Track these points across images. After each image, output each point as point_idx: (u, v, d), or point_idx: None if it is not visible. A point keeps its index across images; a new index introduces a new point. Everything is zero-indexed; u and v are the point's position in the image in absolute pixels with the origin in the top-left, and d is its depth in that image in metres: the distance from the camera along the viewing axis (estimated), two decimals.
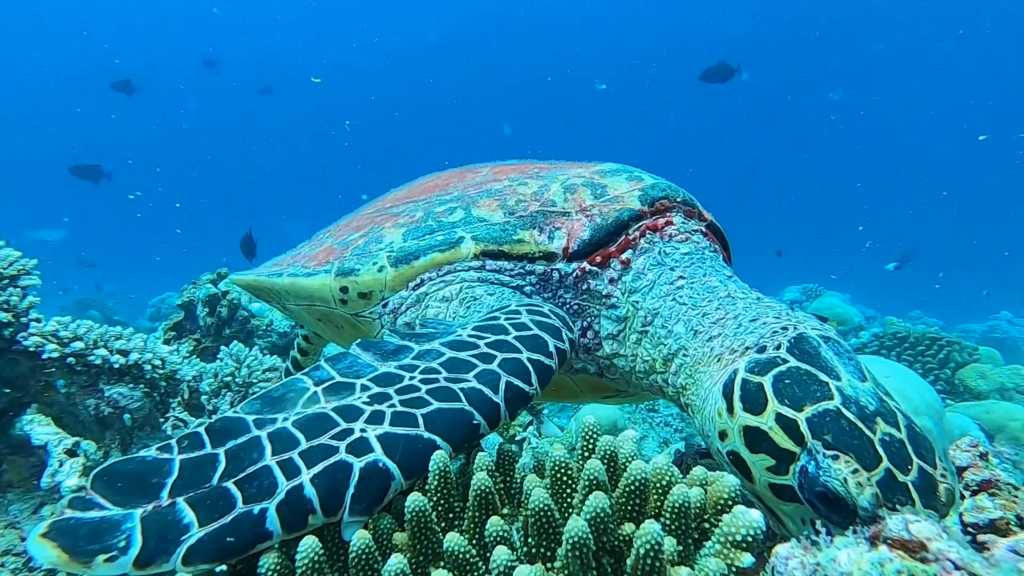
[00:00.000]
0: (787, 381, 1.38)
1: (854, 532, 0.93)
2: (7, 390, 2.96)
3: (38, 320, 2.98)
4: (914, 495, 1.18)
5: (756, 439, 1.37)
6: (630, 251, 2.04)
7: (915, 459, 1.24)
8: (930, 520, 0.88)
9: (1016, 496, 1.44)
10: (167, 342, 4.97)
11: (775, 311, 1.67)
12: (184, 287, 5.35)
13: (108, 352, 3.01)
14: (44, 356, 2.90)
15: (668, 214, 2.13)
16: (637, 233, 2.06)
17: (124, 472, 1.16)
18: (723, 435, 1.46)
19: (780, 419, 1.33)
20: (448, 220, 2.18)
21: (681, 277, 1.93)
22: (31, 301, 2.99)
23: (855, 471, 1.20)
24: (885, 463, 1.21)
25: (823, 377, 1.37)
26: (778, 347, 1.48)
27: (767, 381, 1.40)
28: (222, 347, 3.95)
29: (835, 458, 1.23)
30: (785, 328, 1.54)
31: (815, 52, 49.28)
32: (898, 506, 1.17)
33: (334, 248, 2.40)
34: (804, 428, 1.29)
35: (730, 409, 1.44)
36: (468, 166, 2.83)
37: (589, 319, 2.06)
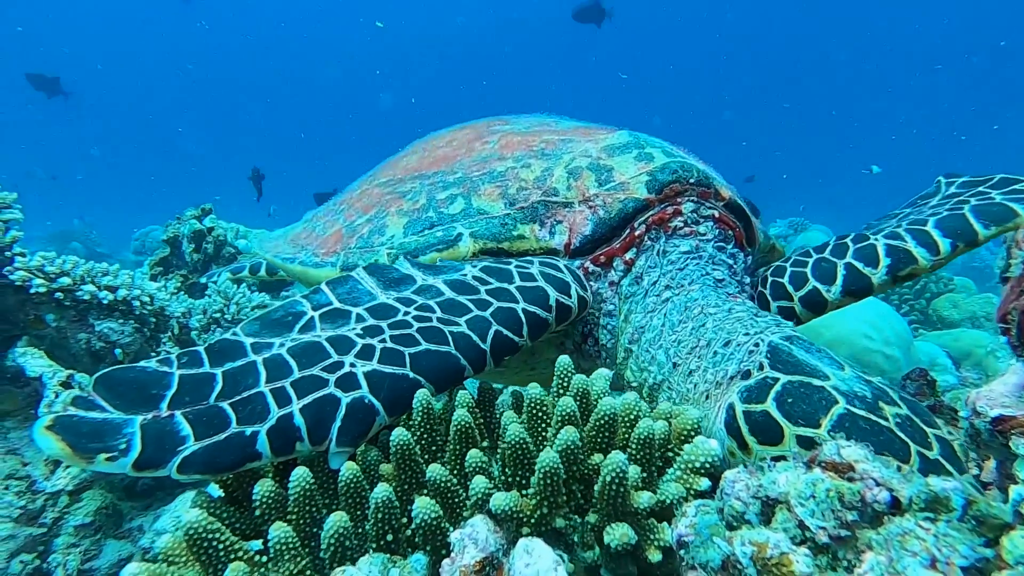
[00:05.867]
0: (789, 400, 1.31)
1: (794, 458, 1.03)
2: None
3: (22, 255, 2.97)
4: (947, 467, 1.18)
5: None
6: (634, 249, 1.91)
7: (927, 430, 1.24)
8: (860, 446, 0.98)
9: (956, 418, 1.58)
10: (154, 278, 4.97)
11: (744, 325, 1.59)
12: (169, 222, 5.30)
13: (96, 288, 3.03)
14: (32, 291, 2.92)
15: (678, 200, 1.96)
16: (643, 228, 1.91)
17: (125, 380, 1.25)
18: None
19: (802, 441, 1.25)
20: (448, 212, 2.07)
21: (668, 287, 1.83)
22: (14, 235, 2.98)
23: (899, 469, 1.16)
24: (914, 449, 1.19)
25: (817, 382, 1.32)
26: (760, 367, 1.42)
27: (770, 407, 1.32)
28: (210, 283, 3.99)
29: None
30: (757, 345, 1.49)
31: None
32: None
33: (342, 235, 2.36)
34: None
35: (743, 446, 1.35)
36: (482, 123, 2.70)
37: (591, 325, 1.95)
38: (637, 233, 1.91)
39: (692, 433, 1.31)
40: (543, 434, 1.29)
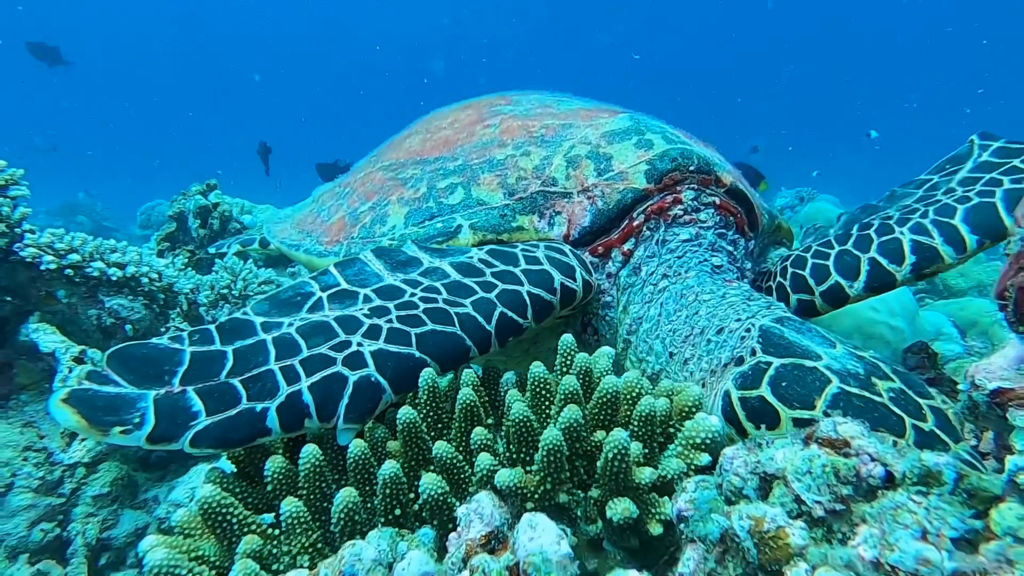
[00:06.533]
0: (784, 383, 1.33)
1: (792, 435, 1.05)
2: (8, 298, 3.03)
3: (32, 231, 3.00)
4: (943, 437, 1.19)
5: None
6: (632, 240, 1.90)
7: (921, 401, 1.25)
8: (855, 422, 1.00)
9: (955, 391, 1.60)
10: (161, 253, 5.01)
11: (736, 310, 1.60)
12: (174, 198, 5.30)
13: (105, 265, 3.06)
14: (42, 267, 2.95)
15: (678, 189, 1.93)
16: (642, 218, 1.90)
17: (138, 355, 1.28)
18: None
19: (799, 424, 1.26)
20: (448, 202, 2.07)
21: (665, 276, 1.83)
22: (23, 211, 3.00)
23: (894, 444, 1.16)
24: (908, 422, 1.20)
25: (809, 363, 1.34)
26: (753, 352, 1.44)
27: (765, 392, 1.34)
28: (216, 259, 4.02)
29: None
30: (749, 330, 1.50)
31: None
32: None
33: (345, 223, 2.38)
34: None
35: (742, 433, 1.37)
36: (485, 102, 2.67)
37: (590, 316, 1.96)
38: (635, 223, 1.90)
39: (693, 410, 1.33)
40: (547, 412, 1.31)
